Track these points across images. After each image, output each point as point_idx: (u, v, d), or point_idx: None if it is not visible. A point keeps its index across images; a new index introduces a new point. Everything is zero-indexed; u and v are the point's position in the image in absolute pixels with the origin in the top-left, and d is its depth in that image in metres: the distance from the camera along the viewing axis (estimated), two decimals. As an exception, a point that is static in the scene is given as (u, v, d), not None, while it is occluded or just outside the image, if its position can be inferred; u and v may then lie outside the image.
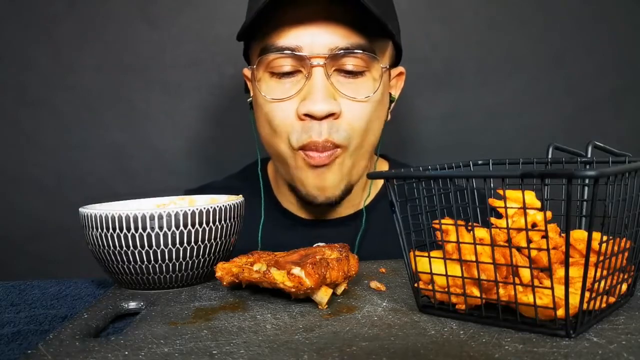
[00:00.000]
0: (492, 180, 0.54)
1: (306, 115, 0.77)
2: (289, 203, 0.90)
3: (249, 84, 0.88)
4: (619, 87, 1.25)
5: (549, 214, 0.48)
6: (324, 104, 0.76)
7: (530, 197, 0.51)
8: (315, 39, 0.77)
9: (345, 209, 0.89)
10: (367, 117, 0.80)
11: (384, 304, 0.53)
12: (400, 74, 0.91)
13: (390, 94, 0.88)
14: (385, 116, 0.87)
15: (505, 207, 0.47)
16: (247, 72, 0.87)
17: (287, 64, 0.78)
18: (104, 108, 1.19)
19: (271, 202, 0.91)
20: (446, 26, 1.22)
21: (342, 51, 0.77)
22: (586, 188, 0.58)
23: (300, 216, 0.90)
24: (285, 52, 0.77)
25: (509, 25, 1.23)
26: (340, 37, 0.77)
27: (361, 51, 0.78)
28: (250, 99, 0.86)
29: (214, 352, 0.42)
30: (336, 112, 0.77)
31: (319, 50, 0.77)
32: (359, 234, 0.86)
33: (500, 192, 0.48)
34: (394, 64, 0.89)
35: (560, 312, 0.43)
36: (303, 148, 0.78)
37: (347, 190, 0.83)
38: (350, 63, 0.78)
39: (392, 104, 0.89)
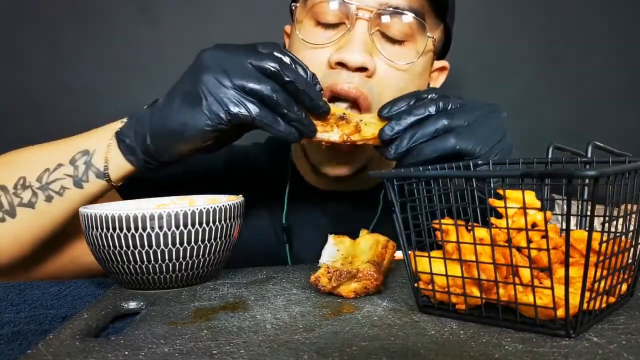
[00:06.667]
0: (492, 180, 0.54)
1: (338, 63, 0.74)
2: (306, 173, 0.89)
3: (286, 41, 0.85)
4: (620, 87, 1.25)
5: (549, 214, 0.48)
6: (359, 55, 0.73)
7: (530, 197, 0.51)
8: None
9: (368, 182, 0.86)
10: (399, 88, 0.76)
11: (384, 304, 0.53)
12: (442, 68, 0.87)
13: (428, 84, 0.84)
14: None
15: (505, 207, 0.47)
16: (287, 28, 0.84)
17: (332, 13, 0.75)
18: (104, 108, 1.19)
19: (293, 174, 0.90)
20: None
21: (391, 9, 0.74)
22: (586, 188, 0.58)
23: (318, 187, 0.88)
24: None
25: (509, 25, 1.23)
26: None
27: (412, 14, 0.75)
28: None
29: (214, 352, 0.42)
30: (370, 68, 0.74)
31: (368, 2, 0.74)
32: (378, 212, 0.85)
33: (500, 192, 0.48)
34: (440, 54, 0.85)
35: (560, 312, 0.43)
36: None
37: (364, 166, 0.81)
38: (395, 28, 0.75)
39: None
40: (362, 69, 0.74)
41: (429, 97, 0.66)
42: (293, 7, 0.80)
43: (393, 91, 0.75)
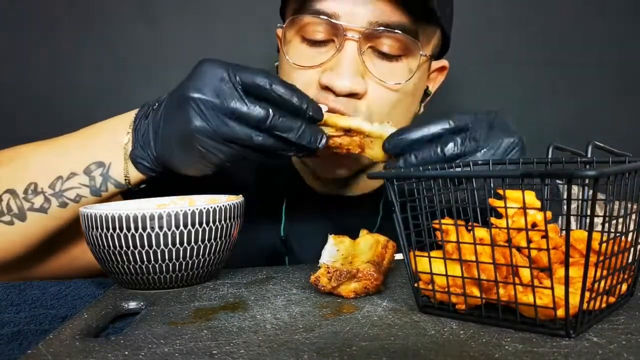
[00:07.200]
0: (492, 180, 0.54)
1: (326, 87, 0.72)
2: (308, 177, 0.88)
3: (280, 45, 0.82)
4: (619, 87, 1.25)
5: (549, 214, 0.48)
6: (348, 81, 0.71)
7: (530, 197, 0.51)
8: (356, 8, 0.71)
9: (368, 186, 0.86)
10: (391, 106, 0.75)
11: (384, 304, 0.53)
12: (442, 67, 0.85)
13: (427, 87, 0.83)
14: (417, 108, 0.82)
15: (505, 207, 0.47)
16: (280, 32, 0.81)
17: (320, 31, 0.73)
18: (104, 108, 1.19)
19: (294, 177, 0.89)
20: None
21: (381, 28, 0.71)
22: (586, 188, 0.58)
23: (318, 190, 0.87)
24: (321, 17, 0.72)
25: (509, 25, 1.23)
26: (382, 12, 0.71)
27: (402, 32, 0.72)
28: (277, 63, 0.82)
29: (214, 352, 0.43)
30: (360, 92, 0.72)
31: (357, 22, 0.71)
32: (378, 221, 0.84)
33: (500, 192, 0.48)
34: (438, 55, 0.84)
35: (560, 312, 0.43)
36: None
37: (359, 171, 0.80)
38: (387, 44, 0.73)
39: (427, 98, 0.84)
40: (351, 95, 0.72)
41: (441, 132, 0.64)
42: (279, 28, 0.79)
43: (385, 109, 0.74)
